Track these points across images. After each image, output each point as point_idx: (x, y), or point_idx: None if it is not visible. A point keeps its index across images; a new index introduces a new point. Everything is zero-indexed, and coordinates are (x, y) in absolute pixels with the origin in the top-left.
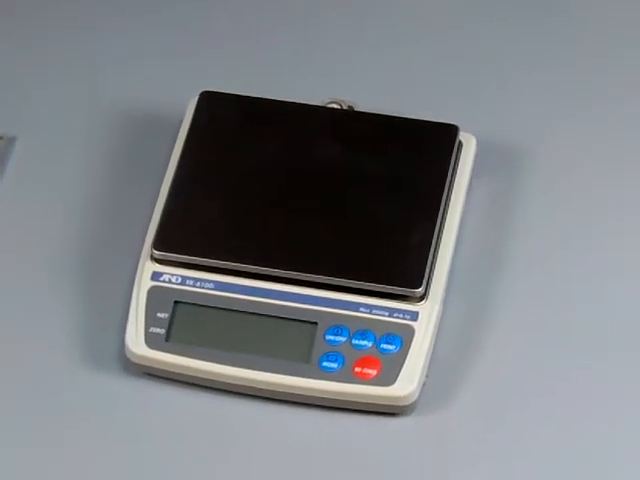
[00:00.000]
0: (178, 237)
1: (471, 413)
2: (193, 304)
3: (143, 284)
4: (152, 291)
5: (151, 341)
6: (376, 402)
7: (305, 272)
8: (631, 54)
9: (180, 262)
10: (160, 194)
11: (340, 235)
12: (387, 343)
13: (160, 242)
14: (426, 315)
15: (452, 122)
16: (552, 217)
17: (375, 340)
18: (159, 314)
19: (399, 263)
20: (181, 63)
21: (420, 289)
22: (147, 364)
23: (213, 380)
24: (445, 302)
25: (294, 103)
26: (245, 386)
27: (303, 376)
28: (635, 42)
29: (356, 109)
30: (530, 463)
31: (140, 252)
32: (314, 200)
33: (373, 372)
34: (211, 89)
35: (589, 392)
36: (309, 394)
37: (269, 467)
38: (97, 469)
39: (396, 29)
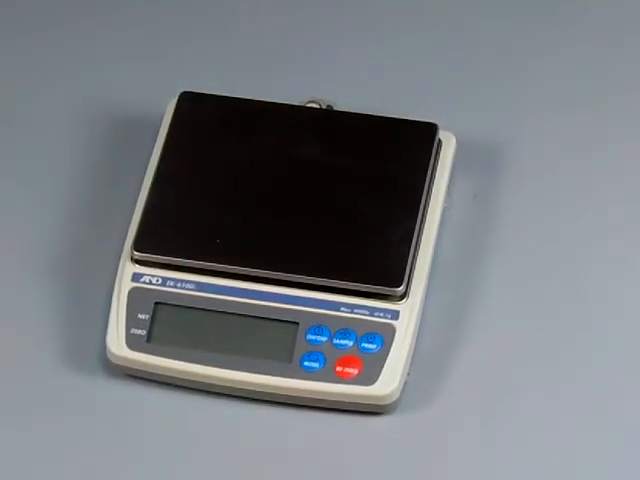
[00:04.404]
0: (158, 238)
1: (454, 411)
2: (174, 305)
3: (124, 285)
4: (133, 292)
5: (132, 342)
6: (358, 401)
7: (286, 272)
8: (615, 54)
9: (161, 263)
10: (140, 195)
11: (320, 235)
12: (368, 342)
13: (140, 243)
14: (407, 314)
15: (431, 120)
16: (533, 214)
17: (356, 339)
18: (140, 315)
19: (380, 262)
20: (160, 64)
21: (401, 288)
22: (128, 365)
23: (194, 381)
24: (427, 300)
25: (273, 103)
26: (226, 386)
27: (284, 376)
28: (620, 42)
29: (335, 108)
30: (515, 460)
31: (121, 253)
32: (294, 200)
33: (354, 371)
34: (190, 89)
35: (574, 388)
36: (291, 394)
37: (251, 467)
38: (79, 470)
39: (375, 28)
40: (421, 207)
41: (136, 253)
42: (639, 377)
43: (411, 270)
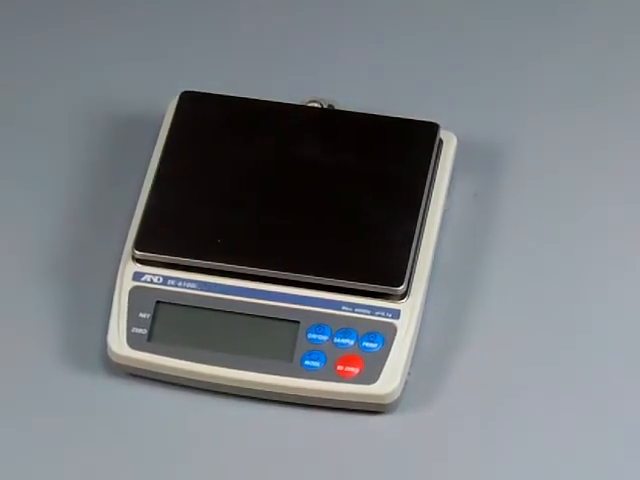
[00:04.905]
0: (159, 237)
1: (454, 410)
2: (175, 304)
3: (125, 284)
4: (134, 291)
5: (133, 341)
6: (359, 400)
7: (287, 271)
8: (615, 54)
9: (162, 262)
10: (141, 194)
11: (321, 234)
12: (369, 341)
13: (141, 242)
14: (408, 313)
15: (433, 120)
16: (533, 214)
17: (357, 338)
18: (141, 314)
19: (381, 261)
20: (161, 63)
21: (402, 287)
22: (129, 364)
23: (195, 380)
24: (427, 299)
25: (275, 102)
26: (227, 385)
27: (285, 375)
28: (620, 42)
29: (336, 108)
30: (515, 460)
31: (121, 253)
32: (295, 199)
33: (355, 370)
34: (191, 89)
35: (574, 388)
36: (292, 393)
37: (252, 466)
38: (80, 470)
39: (376, 27)
40: (422, 206)
41: (137, 252)
42: (639, 377)
43: (412, 269)
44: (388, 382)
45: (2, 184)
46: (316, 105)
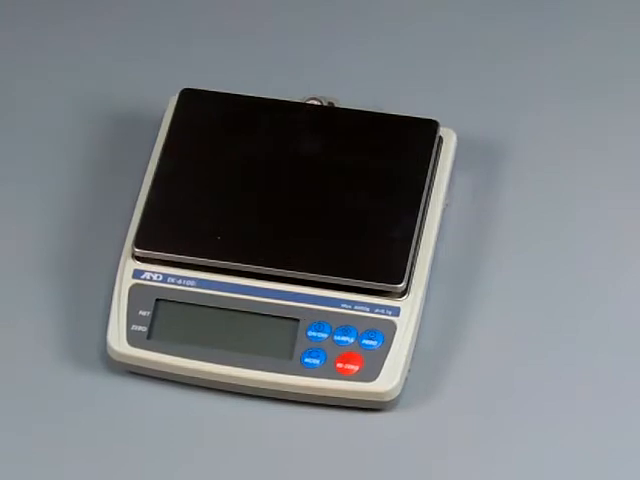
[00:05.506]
0: (159, 235)
1: (454, 407)
2: (175, 302)
3: (125, 282)
4: (134, 289)
5: (133, 339)
6: (359, 398)
7: (287, 269)
8: (615, 53)
9: (162, 260)
10: (141, 192)
11: (321, 231)
12: (369, 339)
13: (141, 240)
14: (408, 310)
15: (432, 117)
16: (533, 211)
17: (357, 336)
18: (141, 312)
19: (380, 259)
20: (161, 62)
21: (401, 284)
22: (129, 362)
23: (195, 377)
24: (427, 296)
25: (274, 100)
26: (227, 383)
27: (285, 373)
28: (620, 42)
29: (336, 105)
30: (515, 457)
31: (121, 251)
32: (295, 197)
33: (355, 368)
34: (192, 87)
35: (574, 386)
36: (291, 391)
37: (252, 463)
38: (79, 468)
39: (376, 24)
40: (422, 204)
41: (137, 250)
42: (639, 377)
43: (412, 267)
44: (388, 380)
45: (2, 184)
46: (316, 103)
